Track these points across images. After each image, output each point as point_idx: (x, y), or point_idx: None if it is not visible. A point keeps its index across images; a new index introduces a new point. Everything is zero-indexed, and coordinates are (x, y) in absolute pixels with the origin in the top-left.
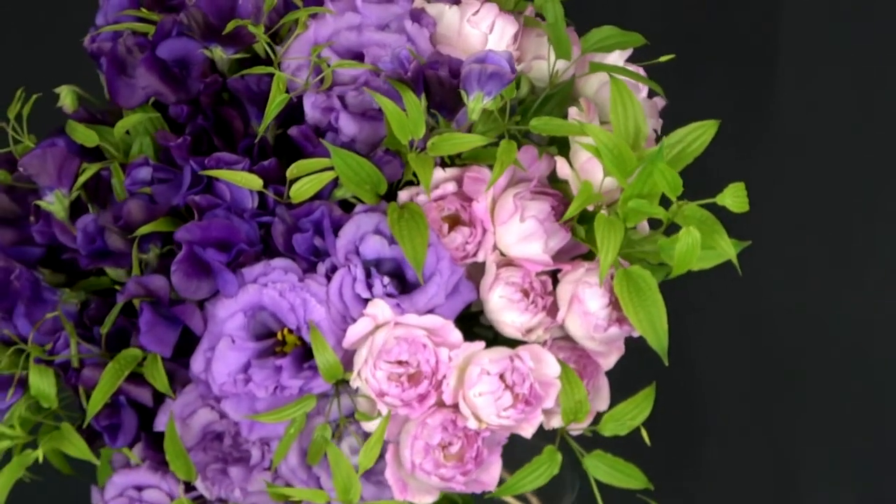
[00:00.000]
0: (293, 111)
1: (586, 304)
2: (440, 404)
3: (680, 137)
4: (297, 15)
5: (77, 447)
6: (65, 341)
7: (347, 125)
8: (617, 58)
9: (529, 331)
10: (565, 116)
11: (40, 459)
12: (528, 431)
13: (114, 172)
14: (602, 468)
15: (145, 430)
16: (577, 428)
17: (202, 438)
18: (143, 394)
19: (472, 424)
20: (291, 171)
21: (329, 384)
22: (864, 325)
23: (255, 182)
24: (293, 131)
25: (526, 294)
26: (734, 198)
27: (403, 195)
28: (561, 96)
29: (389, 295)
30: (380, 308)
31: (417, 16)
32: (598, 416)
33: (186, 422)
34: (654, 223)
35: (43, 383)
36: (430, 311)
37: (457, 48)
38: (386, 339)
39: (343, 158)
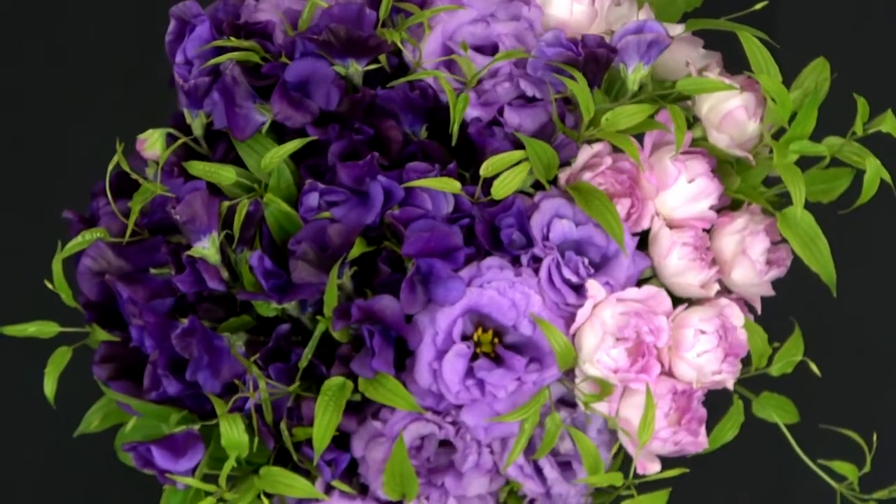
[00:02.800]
0: (434, 111)
1: (751, 252)
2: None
3: (801, 81)
4: (423, 16)
5: (300, 488)
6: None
7: (512, 116)
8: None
9: (704, 286)
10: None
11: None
12: (731, 384)
13: (269, 204)
14: (771, 409)
15: None
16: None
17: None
18: (348, 422)
19: (696, 385)
20: (486, 169)
21: (561, 372)
22: (865, 321)
23: (456, 185)
24: (472, 130)
25: (697, 252)
26: (893, 124)
27: (562, 176)
28: None
29: (590, 275)
30: (595, 288)
31: (527, 0)
32: None
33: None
34: None
35: (234, 432)
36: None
37: (571, 27)
38: (615, 317)
39: (534, 148)
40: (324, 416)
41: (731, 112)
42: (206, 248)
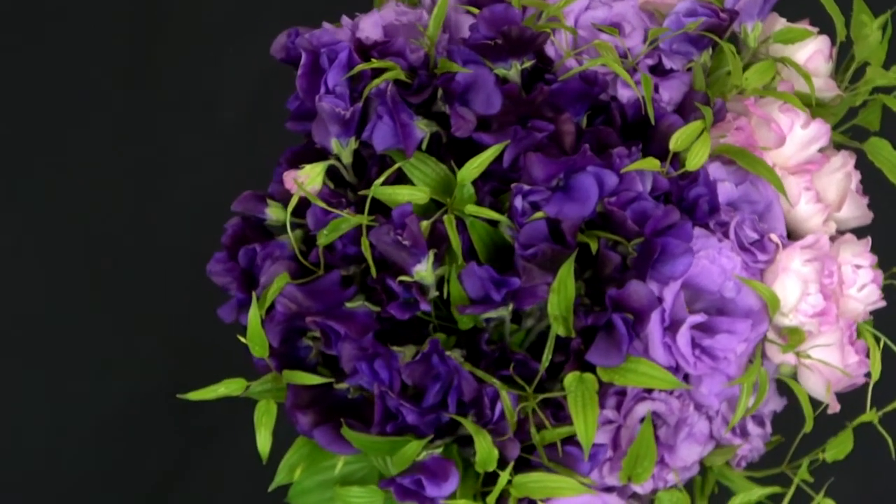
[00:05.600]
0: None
1: (852, 186)
2: None
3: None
4: (557, 8)
5: (569, 487)
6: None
7: (664, 92)
8: None
9: (825, 225)
10: None
11: None
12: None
13: (469, 215)
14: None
15: None
16: None
17: None
18: None
19: (860, 318)
20: (676, 143)
21: (768, 325)
22: None
23: (656, 164)
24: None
25: (816, 195)
26: None
27: None
28: None
29: (763, 231)
30: (777, 241)
31: None
32: None
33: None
34: None
35: (487, 447)
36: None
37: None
38: (805, 265)
39: (708, 114)
40: (580, 412)
41: (812, 57)
42: (424, 269)
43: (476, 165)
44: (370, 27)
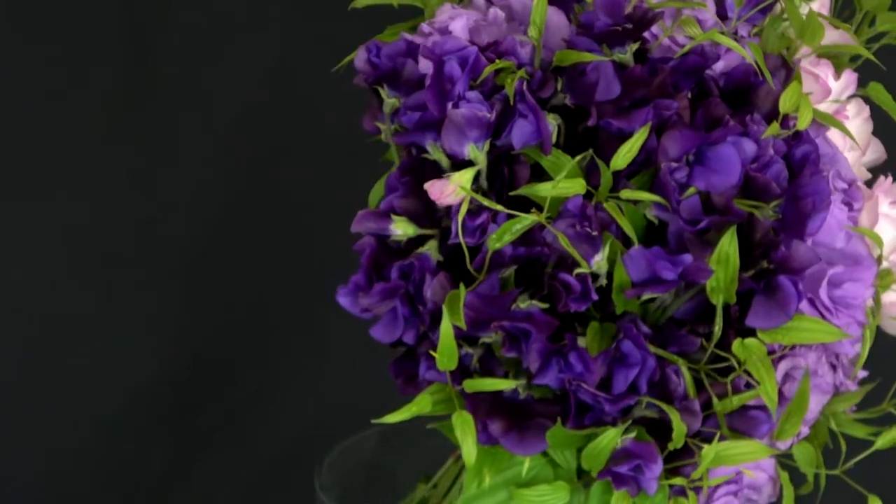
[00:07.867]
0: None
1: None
2: None
3: None
4: None
5: (753, 451)
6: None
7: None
8: None
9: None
10: None
11: None
12: None
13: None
14: None
15: None
16: None
17: None
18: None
19: None
20: (784, 105)
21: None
22: None
23: (776, 128)
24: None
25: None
26: None
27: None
28: None
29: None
30: (865, 189)
31: None
32: None
33: None
34: None
35: (679, 424)
36: None
37: None
38: (891, 207)
39: (798, 74)
40: (763, 376)
41: (820, 10)
42: (601, 259)
43: (627, 151)
44: (460, 30)
